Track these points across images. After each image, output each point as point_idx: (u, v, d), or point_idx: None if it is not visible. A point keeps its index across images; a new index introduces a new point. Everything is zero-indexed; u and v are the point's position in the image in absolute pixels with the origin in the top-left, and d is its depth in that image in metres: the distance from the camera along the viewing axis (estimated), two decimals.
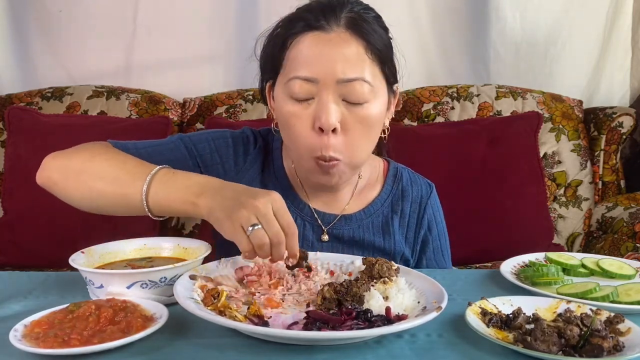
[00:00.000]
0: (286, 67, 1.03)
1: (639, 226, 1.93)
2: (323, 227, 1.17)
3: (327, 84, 0.99)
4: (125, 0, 2.42)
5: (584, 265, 1.08)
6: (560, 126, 2.24)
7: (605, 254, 1.49)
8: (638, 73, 2.44)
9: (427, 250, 1.23)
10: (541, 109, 2.25)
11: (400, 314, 0.81)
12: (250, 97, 2.28)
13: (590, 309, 0.83)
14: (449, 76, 2.50)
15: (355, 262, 0.98)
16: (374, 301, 0.83)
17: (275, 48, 1.05)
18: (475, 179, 2.09)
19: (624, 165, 2.31)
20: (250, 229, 0.83)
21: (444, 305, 0.80)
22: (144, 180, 0.95)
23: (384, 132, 1.12)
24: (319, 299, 0.84)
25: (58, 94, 2.29)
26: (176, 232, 2.11)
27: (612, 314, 0.81)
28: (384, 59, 1.04)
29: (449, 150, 2.12)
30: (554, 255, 1.11)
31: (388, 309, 0.81)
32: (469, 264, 2.02)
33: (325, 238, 1.16)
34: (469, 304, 0.82)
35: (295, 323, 0.78)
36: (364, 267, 0.93)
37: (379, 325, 0.76)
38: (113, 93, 2.31)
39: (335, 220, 1.17)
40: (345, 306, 0.83)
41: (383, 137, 1.12)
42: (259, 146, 1.19)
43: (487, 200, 2.07)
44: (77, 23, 2.43)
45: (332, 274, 0.97)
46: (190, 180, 0.95)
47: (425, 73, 2.49)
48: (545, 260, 1.10)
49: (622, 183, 2.29)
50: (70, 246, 0.95)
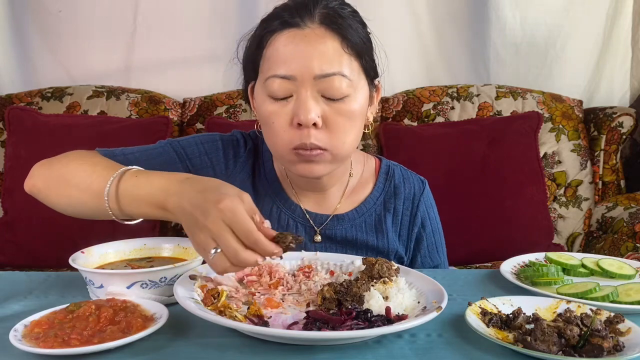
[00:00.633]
0: (264, 67, 1.02)
1: (639, 226, 1.93)
2: (315, 228, 1.16)
3: (305, 80, 0.98)
4: (125, 0, 2.42)
5: (584, 265, 1.08)
6: (560, 126, 2.24)
7: (605, 254, 1.49)
8: (638, 73, 2.44)
9: (422, 247, 1.23)
10: (541, 109, 2.25)
11: (400, 314, 0.81)
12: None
13: (590, 309, 0.83)
14: (449, 76, 2.50)
15: (355, 262, 0.98)
16: (374, 301, 0.83)
17: (253, 48, 1.05)
18: (475, 179, 2.09)
19: (624, 165, 2.31)
20: (212, 252, 0.78)
21: (444, 305, 0.80)
22: (105, 190, 0.92)
23: (367, 127, 1.10)
24: (319, 299, 0.84)
25: (58, 94, 2.29)
26: (176, 232, 2.11)
27: (612, 314, 0.81)
28: (361, 53, 1.03)
29: (449, 150, 2.12)
30: (554, 255, 1.11)
31: (388, 309, 0.81)
32: (469, 264, 2.02)
33: (318, 239, 1.16)
34: (469, 304, 0.82)
35: (295, 323, 0.78)
36: (364, 267, 0.93)
37: (379, 325, 0.76)
38: (113, 93, 2.31)
39: (328, 221, 1.16)
40: (345, 306, 0.83)
41: (367, 133, 1.11)
42: (248, 149, 1.19)
43: (487, 200, 2.07)
44: (77, 23, 2.42)
45: (332, 274, 0.97)
46: (152, 185, 0.90)
47: (425, 73, 2.49)
48: (545, 260, 1.10)
49: (622, 183, 2.29)
50: (70, 246, 0.96)
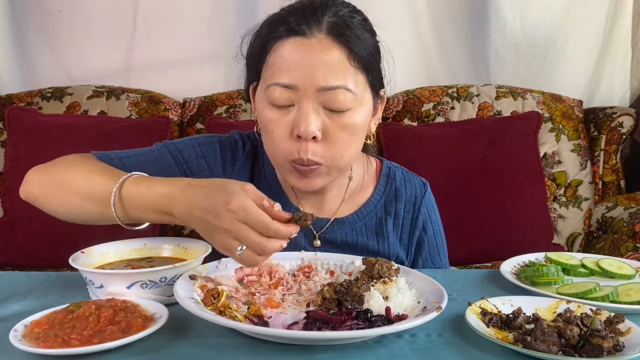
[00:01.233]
0: (266, 73, 1.00)
1: (639, 226, 1.93)
2: (315, 232, 1.15)
3: (307, 91, 0.95)
4: (125, 0, 2.42)
5: (584, 265, 1.08)
6: (560, 126, 2.24)
7: (605, 254, 1.49)
8: (638, 73, 2.44)
9: (423, 251, 1.21)
10: (541, 109, 2.25)
11: (400, 314, 0.81)
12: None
13: (590, 309, 0.83)
14: (449, 76, 2.50)
15: (355, 262, 0.98)
16: (374, 301, 0.83)
17: (256, 51, 1.03)
18: (475, 179, 2.09)
19: (624, 165, 2.31)
20: (238, 252, 0.80)
21: (444, 305, 0.80)
22: (111, 196, 0.92)
23: (369, 138, 1.08)
24: (319, 299, 0.84)
25: (58, 94, 2.29)
26: (176, 232, 2.11)
27: (612, 314, 0.81)
28: (368, 66, 1.00)
29: (449, 150, 2.12)
30: (554, 255, 1.11)
31: (388, 309, 0.81)
32: (469, 264, 2.02)
33: (318, 243, 1.14)
34: (469, 304, 0.82)
35: (295, 323, 0.78)
36: (364, 267, 0.93)
37: (379, 325, 0.76)
38: (113, 93, 2.31)
39: (328, 225, 1.15)
40: (345, 306, 0.83)
41: (369, 143, 1.09)
42: (247, 151, 1.17)
43: (487, 200, 2.07)
44: (77, 23, 2.42)
45: (332, 274, 0.97)
46: (155, 194, 0.90)
47: (425, 73, 2.49)
48: (545, 260, 1.10)
49: (622, 183, 2.29)
50: (70, 246, 0.95)
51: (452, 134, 2.17)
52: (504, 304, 0.85)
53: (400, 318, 0.79)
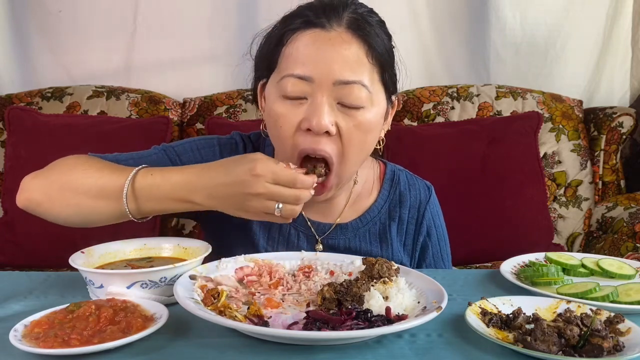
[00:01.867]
0: (281, 65, 0.98)
1: (639, 226, 1.93)
2: (317, 237, 1.13)
3: (323, 84, 0.94)
4: (125, 0, 2.42)
5: (584, 265, 1.08)
6: (560, 126, 2.24)
7: (605, 254, 1.49)
8: (638, 73, 2.44)
9: (427, 256, 1.20)
10: (541, 109, 2.25)
11: (400, 314, 0.81)
12: (250, 97, 2.27)
13: (590, 309, 0.83)
14: (449, 76, 2.50)
15: (355, 262, 0.98)
16: (374, 301, 0.83)
17: (271, 45, 1.01)
18: (475, 179, 2.09)
19: (624, 165, 2.31)
20: (277, 212, 0.87)
21: (444, 305, 0.80)
22: (123, 190, 0.93)
23: (379, 144, 1.08)
24: (319, 299, 0.84)
25: (58, 94, 2.29)
26: (176, 232, 2.11)
27: (612, 314, 0.81)
28: (384, 65, 1.00)
29: (449, 150, 2.12)
30: (554, 255, 1.11)
31: (388, 309, 0.81)
32: (469, 264, 2.02)
33: (320, 248, 1.13)
34: (469, 304, 0.82)
35: (295, 323, 0.78)
36: (364, 267, 0.93)
37: (379, 325, 0.76)
38: (113, 93, 2.31)
39: (330, 230, 1.14)
40: (345, 306, 0.83)
41: (378, 148, 1.08)
42: (248, 153, 1.14)
43: (487, 200, 2.07)
44: (77, 23, 2.43)
45: (332, 274, 0.97)
46: (172, 183, 0.93)
47: (425, 73, 2.49)
48: (545, 260, 1.10)
49: (622, 183, 2.29)
50: (70, 246, 0.95)
51: (452, 134, 2.17)
52: (504, 304, 0.85)
53: (400, 318, 0.79)
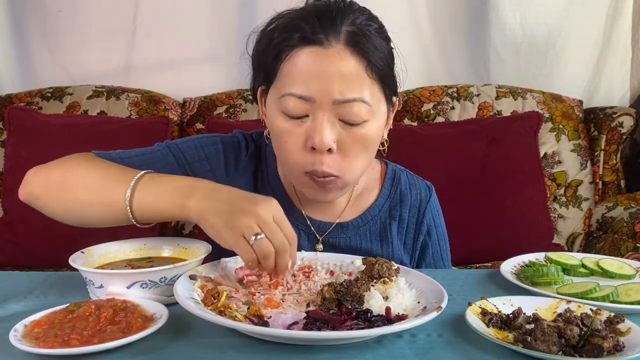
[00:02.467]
0: (280, 81, 0.97)
1: (639, 226, 1.93)
2: (318, 236, 1.13)
3: (323, 103, 0.93)
4: (125, 0, 2.42)
5: (584, 265, 1.08)
6: (560, 126, 2.24)
7: (605, 254, 1.49)
8: (638, 73, 2.44)
9: (427, 255, 1.21)
10: (541, 109, 2.25)
11: (400, 314, 0.81)
12: (250, 97, 2.27)
13: (590, 309, 0.83)
14: (449, 76, 2.50)
15: (355, 262, 0.98)
16: (374, 301, 0.83)
17: (269, 57, 0.99)
18: (475, 179, 2.09)
19: (624, 165, 2.31)
20: (253, 238, 0.80)
21: (444, 305, 0.79)
22: (128, 186, 0.91)
23: (382, 145, 1.08)
24: (319, 299, 0.84)
25: (58, 94, 2.29)
26: (176, 232, 2.11)
27: (612, 314, 0.81)
28: (385, 77, 0.99)
29: (449, 150, 2.12)
30: (554, 255, 1.11)
31: (388, 309, 0.81)
32: (469, 264, 2.02)
33: (320, 247, 1.13)
34: (469, 304, 0.82)
35: (295, 323, 0.78)
36: (364, 267, 0.93)
37: (379, 325, 0.76)
38: (113, 93, 2.31)
39: (331, 229, 1.14)
40: (345, 306, 0.83)
41: (382, 150, 1.08)
42: (250, 152, 1.14)
43: (487, 200, 2.07)
44: (77, 23, 2.43)
45: (332, 274, 0.97)
46: (178, 182, 0.91)
47: (425, 73, 2.49)
48: (545, 260, 1.10)
49: (622, 183, 2.29)
50: (70, 246, 0.95)
51: (452, 134, 2.17)
52: (504, 304, 0.85)
53: (400, 318, 0.79)
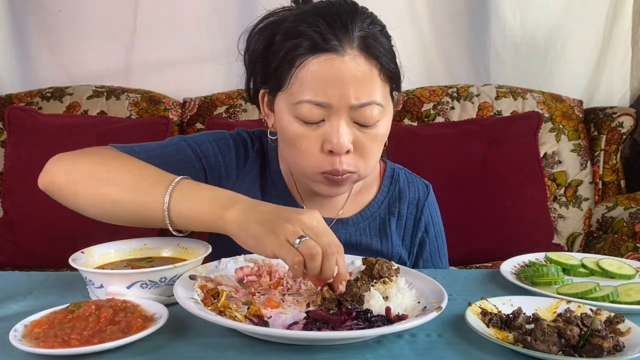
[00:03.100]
0: (293, 87, 0.97)
1: (639, 226, 1.93)
2: None
3: (340, 108, 0.96)
4: (125, 0, 2.42)
5: (584, 265, 1.08)
6: (560, 126, 2.24)
7: (605, 254, 1.49)
8: (638, 73, 2.44)
9: (424, 252, 1.22)
10: (541, 109, 2.25)
11: (400, 314, 0.81)
12: None
13: (590, 309, 0.83)
14: (449, 76, 2.50)
15: (355, 262, 0.98)
16: (374, 301, 0.83)
17: (278, 63, 0.99)
18: (475, 179, 2.09)
19: (624, 165, 2.31)
20: (297, 241, 0.78)
21: (444, 305, 0.80)
22: (166, 189, 0.89)
23: (384, 144, 1.09)
24: (319, 299, 0.84)
25: (58, 94, 2.29)
26: None
27: (612, 314, 0.81)
28: (393, 77, 1.02)
29: (449, 150, 2.12)
30: (554, 255, 1.11)
31: (388, 309, 0.81)
32: (469, 264, 2.02)
33: None
34: (469, 304, 0.82)
35: (295, 323, 0.78)
36: (364, 267, 0.93)
37: (379, 325, 0.76)
38: (113, 93, 2.31)
39: (331, 225, 1.14)
40: (345, 306, 0.83)
41: (385, 143, 1.09)
42: (256, 149, 1.17)
43: (487, 200, 2.07)
44: (77, 23, 2.43)
45: None
46: (217, 192, 0.90)
47: (425, 73, 2.49)
48: (545, 260, 1.10)
49: (622, 183, 2.29)
50: (70, 246, 0.95)
51: (452, 134, 2.17)
52: (504, 304, 0.85)
53: (400, 318, 0.79)
